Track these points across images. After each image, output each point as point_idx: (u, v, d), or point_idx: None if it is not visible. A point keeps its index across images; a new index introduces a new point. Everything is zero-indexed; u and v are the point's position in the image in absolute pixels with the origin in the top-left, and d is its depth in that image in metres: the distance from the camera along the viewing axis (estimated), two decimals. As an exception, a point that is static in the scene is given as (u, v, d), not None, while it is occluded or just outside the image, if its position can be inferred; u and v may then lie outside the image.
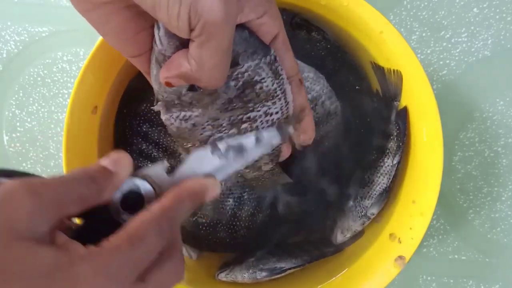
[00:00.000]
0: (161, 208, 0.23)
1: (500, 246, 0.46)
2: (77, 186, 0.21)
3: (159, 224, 0.22)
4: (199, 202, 0.26)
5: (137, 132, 0.41)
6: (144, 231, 0.21)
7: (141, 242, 0.21)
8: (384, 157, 0.39)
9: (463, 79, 0.47)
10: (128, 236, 0.21)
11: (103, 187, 0.23)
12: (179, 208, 0.24)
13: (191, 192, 0.25)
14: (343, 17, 0.36)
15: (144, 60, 0.28)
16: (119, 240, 0.21)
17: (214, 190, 0.26)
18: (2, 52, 0.50)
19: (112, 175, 0.23)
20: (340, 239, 0.42)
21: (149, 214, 0.22)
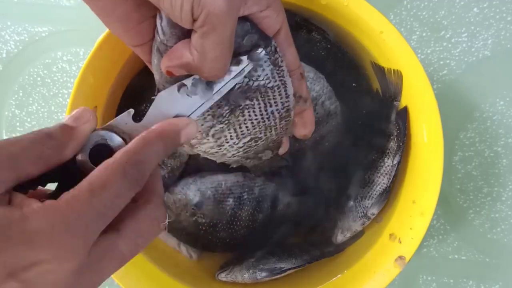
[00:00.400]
0: (125, 153, 0.21)
1: (500, 246, 0.46)
2: (32, 145, 0.20)
3: (124, 169, 0.21)
4: (172, 143, 0.24)
5: None
6: (107, 177, 0.20)
7: (103, 189, 0.20)
8: (384, 157, 0.39)
9: (463, 79, 0.47)
10: (89, 185, 0.20)
11: (63, 143, 0.22)
12: (148, 150, 0.22)
13: (160, 133, 0.24)
14: (344, 17, 0.36)
15: (146, 50, 0.28)
16: (79, 190, 0.19)
17: (189, 129, 0.25)
18: (2, 52, 0.50)
19: (72, 130, 0.22)
20: (340, 239, 0.42)
21: (112, 160, 0.21)
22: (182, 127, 0.25)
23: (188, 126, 0.25)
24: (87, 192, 0.19)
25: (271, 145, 0.32)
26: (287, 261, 0.41)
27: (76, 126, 0.23)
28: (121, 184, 0.20)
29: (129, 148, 0.22)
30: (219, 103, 0.28)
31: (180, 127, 0.25)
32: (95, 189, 0.19)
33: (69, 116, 0.23)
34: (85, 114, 0.23)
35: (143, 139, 0.22)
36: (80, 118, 0.23)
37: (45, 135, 0.21)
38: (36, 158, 0.20)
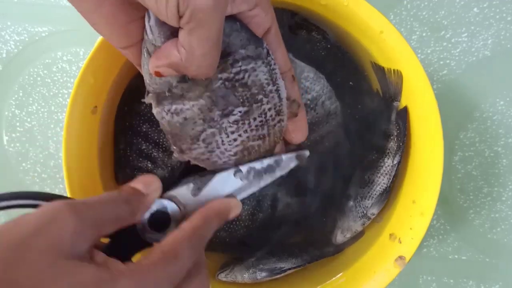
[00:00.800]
0: (192, 227, 0.25)
1: (501, 246, 0.46)
2: (113, 207, 0.23)
3: (191, 242, 0.23)
4: (223, 220, 0.28)
5: (137, 132, 0.41)
6: (178, 249, 0.23)
7: (176, 258, 0.22)
8: (384, 157, 0.39)
9: (463, 79, 0.47)
10: (163, 253, 0.22)
11: (136, 208, 0.24)
12: (208, 226, 0.25)
13: (217, 212, 0.27)
14: (343, 17, 0.36)
15: (135, 51, 0.28)
16: (155, 257, 0.22)
17: (236, 209, 0.29)
18: (2, 52, 0.50)
19: (144, 197, 0.25)
20: (340, 239, 0.41)
21: (183, 233, 0.24)
22: (233, 207, 0.29)
23: (236, 207, 0.29)
24: (164, 261, 0.22)
25: (262, 151, 0.32)
26: (287, 261, 0.41)
27: (147, 194, 0.26)
28: (188, 255, 0.23)
29: (196, 223, 0.25)
30: (209, 106, 0.28)
31: (231, 207, 0.28)
32: (169, 259, 0.22)
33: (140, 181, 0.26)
34: (154, 183, 0.26)
35: (205, 216, 0.26)
36: (150, 184, 0.26)
37: (124, 200, 0.24)
38: (115, 220, 0.23)
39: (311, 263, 0.40)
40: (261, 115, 0.29)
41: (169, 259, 0.22)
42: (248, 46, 0.27)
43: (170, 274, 0.22)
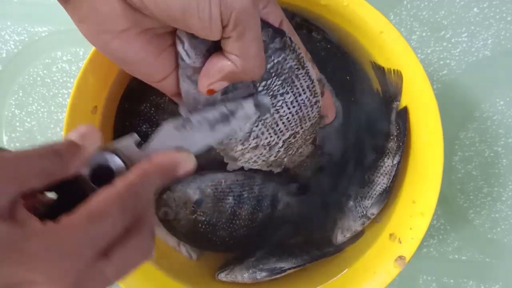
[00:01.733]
0: (125, 184, 0.22)
1: (501, 246, 0.46)
2: (38, 160, 0.21)
3: (122, 200, 0.21)
4: (170, 176, 0.25)
5: (137, 132, 0.41)
6: (106, 208, 0.21)
7: (101, 219, 0.20)
8: (384, 157, 0.39)
9: (463, 79, 0.47)
10: (88, 213, 0.20)
11: (68, 160, 0.22)
12: (146, 183, 0.23)
13: (160, 167, 0.24)
14: (343, 17, 0.36)
15: (170, 82, 0.28)
16: (78, 216, 0.20)
17: (187, 164, 0.25)
18: (2, 52, 0.50)
19: (78, 148, 0.23)
20: (340, 239, 0.41)
21: (113, 190, 0.21)
22: (181, 161, 0.25)
23: (187, 160, 0.26)
24: (85, 219, 0.20)
25: (308, 137, 0.33)
26: (287, 261, 0.40)
27: (82, 145, 0.23)
28: (118, 215, 0.21)
29: (130, 180, 0.22)
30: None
31: (179, 161, 0.25)
32: (93, 218, 0.20)
33: (76, 132, 0.23)
34: (91, 133, 0.24)
35: (143, 171, 0.23)
36: (86, 136, 0.23)
37: (52, 151, 0.21)
38: (41, 173, 0.21)
39: (311, 263, 0.40)
40: (299, 101, 0.30)
41: (92, 219, 0.20)
42: (275, 39, 0.28)
43: (92, 236, 0.20)
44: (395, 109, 0.39)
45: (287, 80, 0.29)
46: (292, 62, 0.29)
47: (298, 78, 0.29)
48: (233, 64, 0.25)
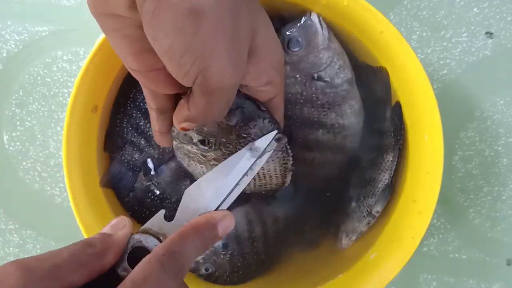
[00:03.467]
0: (162, 246, 0.23)
1: (501, 245, 0.47)
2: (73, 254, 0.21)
3: (160, 260, 0.22)
4: (210, 236, 0.25)
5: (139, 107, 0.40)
6: (146, 271, 0.21)
7: (145, 282, 0.21)
8: (383, 153, 0.39)
9: (463, 78, 0.47)
10: (131, 280, 0.21)
11: (102, 250, 0.23)
12: (183, 243, 0.23)
13: (195, 227, 0.24)
14: (344, 17, 0.36)
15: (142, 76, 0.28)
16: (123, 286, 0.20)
17: (226, 222, 0.26)
18: (2, 51, 0.50)
19: (110, 236, 0.24)
20: (345, 243, 0.41)
21: (151, 254, 0.22)
22: (219, 219, 0.25)
23: (225, 218, 0.26)
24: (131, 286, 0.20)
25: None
26: None
27: (114, 233, 0.24)
28: (160, 274, 0.21)
29: (165, 242, 0.23)
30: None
31: (216, 220, 0.25)
32: (137, 283, 0.20)
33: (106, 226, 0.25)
34: (121, 222, 0.25)
35: (179, 233, 0.24)
36: (116, 225, 0.24)
37: (85, 243, 0.22)
38: (78, 266, 0.21)
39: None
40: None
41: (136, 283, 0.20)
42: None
43: None
44: (389, 105, 0.39)
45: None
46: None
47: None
48: (188, 111, 0.26)
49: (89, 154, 0.39)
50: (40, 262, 0.20)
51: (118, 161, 0.40)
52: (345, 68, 0.37)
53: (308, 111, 0.38)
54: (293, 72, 0.37)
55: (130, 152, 0.40)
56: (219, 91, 0.24)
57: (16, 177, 0.49)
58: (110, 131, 0.41)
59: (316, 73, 0.36)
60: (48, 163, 0.49)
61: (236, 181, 0.28)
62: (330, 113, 0.38)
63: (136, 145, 0.40)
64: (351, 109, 0.38)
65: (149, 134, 0.40)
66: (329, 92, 0.37)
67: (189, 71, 0.23)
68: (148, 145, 0.40)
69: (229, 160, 0.28)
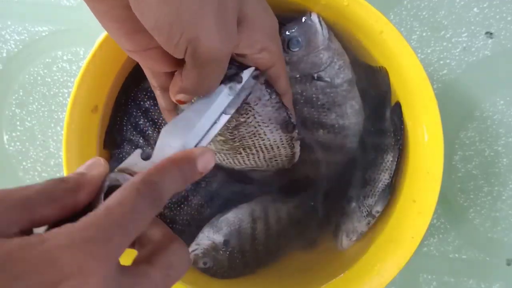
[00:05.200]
0: (138, 175, 0.22)
1: (501, 245, 0.47)
2: (45, 188, 0.21)
3: (137, 188, 0.21)
4: (190, 170, 0.24)
5: (139, 105, 0.40)
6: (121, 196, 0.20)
7: (120, 205, 0.20)
8: (383, 153, 0.39)
9: (463, 78, 0.47)
10: (106, 206, 0.20)
11: (75, 186, 0.22)
12: (161, 174, 0.22)
13: (173, 161, 0.23)
14: (343, 17, 0.36)
15: (139, 56, 0.28)
16: (96, 210, 0.19)
17: (206, 157, 0.25)
18: (2, 51, 0.50)
19: (83, 175, 0.23)
20: (346, 244, 0.41)
21: (127, 183, 0.21)
22: (198, 155, 0.24)
23: (204, 154, 0.25)
24: (103, 210, 0.19)
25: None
26: None
27: (87, 171, 0.23)
28: (136, 200, 0.20)
29: (142, 172, 0.22)
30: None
31: (195, 155, 0.24)
32: (110, 207, 0.19)
33: (81, 166, 0.24)
34: (96, 161, 0.24)
35: (156, 166, 0.23)
36: (91, 165, 0.23)
37: (58, 179, 0.22)
38: (49, 200, 0.20)
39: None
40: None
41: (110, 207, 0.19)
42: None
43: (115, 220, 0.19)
44: (389, 105, 0.39)
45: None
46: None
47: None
48: (182, 83, 0.27)
49: (89, 154, 0.39)
50: (10, 193, 0.19)
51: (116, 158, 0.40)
52: (345, 68, 0.37)
53: (308, 111, 0.38)
54: (293, 72, 0.37)
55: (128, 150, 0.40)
56: (210, 61, 0.25)
57: (16, 177, 0.49)
58: (109, 129, 0.41)
59: (316, 73, 0.37)
60: (48, 163, 0.49)
61: (214, 119, 0.27)
62: (330, 113, 0.38)
63: (134, 144, 0.40)
64: (351, 109, 0.38)
65: (147, 133, 0.41)
66: (329, 92, 0.37)
67: (178, 42, 0.23)
68: (147, 144, 0.40)
69: (207, 98, 0.27)
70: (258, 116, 0.32)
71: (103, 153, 0.41)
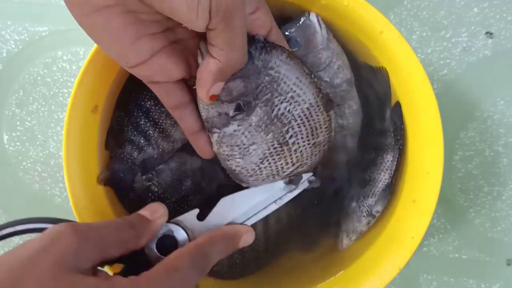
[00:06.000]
0: (195, 244, 0.25)
1: (501, 245, 0.47)
2: (118, 231, 0.24)
3: (193, 257, 0.24)
4: (232, 245, 0.28)
5: (140, 105, 0.40)
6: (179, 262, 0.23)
7: (177, 271, 0.23)
8: (383, 153, 0.39)
9: (463, 78, 0.47)
10: (164, 266, 0.23)
11: (141, 233, 0.26)
12: (212, 246, 0.26)
13: (224, 235, 0.27)
14: (343, 17, 0.36)
15: (147, 67, 0.28)
16: (156, 270, 0.23)
17: (248, 236, 0.29)
18: (2, 51, 0.50)
19: (149, 222, 0.27)
20: (346, 244, 0.41)
21: (185, 249, 0.25)
22: (243, 233, 0.29)
23: (247, 233, 0.29)
24: (164, 272, 0.23)
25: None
26: None
27: (153, 220, 0.27)
28: (190, 269, 0.24)
29: (198, 242, 0.26)
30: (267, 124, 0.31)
31: (242, 233, 0.29)
32: (170, 270, 0.23)
33: (147, 208, 0.28)
34: (160, 209, 0.28)
35: (209, 237, 0.27)
36: (156, 212, 0.27)
37: (129, 224, 0.25)
38: (119, 243, 0.24)
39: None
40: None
41: (169, 271, 0.23)
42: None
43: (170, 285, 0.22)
44: (389, 105, 0.39)
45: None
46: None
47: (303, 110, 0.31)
48: (217, 61, 0.26)
49: (89, 154, 0.39)
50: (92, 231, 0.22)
51: (117, 159, 0.40)
52: (344, 68, 0.37)
53: None
54: None
55: (129, 151, 0.40)
56: (234, 12, 0.24)
57: (16, 177, 0.49)
58: (110, 129, 0.41)
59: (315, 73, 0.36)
60: (48, 163, 0.49)
61: (265, 205, 0.31)
62: None
63: (135, 144, 0.40)
64: (350, 109, 0.38)
65: (149, 133, 0.40)
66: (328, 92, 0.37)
67: (200, 1, 0.22)
68: (148, 144, 0.40)
69: (266, 186, 0.32)
70: (285, 78, 0.30)
71: (103, 154, 0.41)
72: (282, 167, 0.33)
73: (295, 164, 0.33)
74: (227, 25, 0.24)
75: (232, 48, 0.25)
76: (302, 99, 0.31)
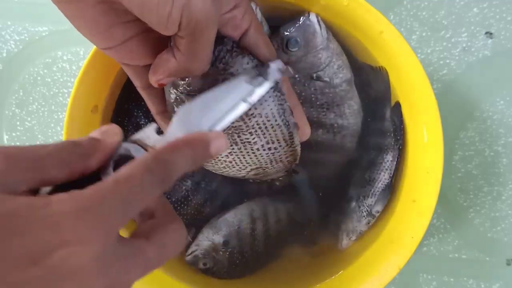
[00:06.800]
0: (150, 152, 0.22)
1: (501, 245, 0.46)
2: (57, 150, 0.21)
3: (147, 164, 0.20)
4: (202, 153, 0.24)
5: (140, 106, 0.40)
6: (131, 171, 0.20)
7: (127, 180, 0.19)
8: (383, 153, 0.39)
9: (463, 78, 0.47)
10: (115, 179, 0.19)
11: (88, 152, 0.22)
12: (173, 152, 0.22)
13: (187, 142, 0.23)
14: (343, 17, 0.36)
15: (116, 51, 0.28)
16: (104, 181, 0.19)
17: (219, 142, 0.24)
18: (2, 51, 0.50)
19: (98, 141, 0.23)
20: (346, 243, 0.41)
21: (140, 158, 0.21)
22: (212, 139, 0.24)
23: (218, 139, 0.24)
24: (112, 182, 0.19)
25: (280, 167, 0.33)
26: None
27: (102, 138, 0.23)
28: (145, 177, 0.20)
29: (154, 149, 0.22)
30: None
31: (209, 139, 0.24)
32: (119, 180, 0.19)
33: (97, 130, 0.23)
34: (112, 129, 0.24)
35: (170, 144, 0.22)
36: (106, 132, 0.23)
37: (71, 143, 0.22)
38: (61, 162, 0.20)
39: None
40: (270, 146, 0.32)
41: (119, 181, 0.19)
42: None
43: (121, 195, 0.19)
44: (389, 105, 0.39)
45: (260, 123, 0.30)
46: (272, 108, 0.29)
47: (274, 127, 0.30)
48: (177, 63, 0.26)
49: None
50: (24, 152, 0.20)
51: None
52: (344, 68, 0.37)
53: (307, 111, 0.38)
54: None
55: None
56: (204, 28, 0.24)
57: (16, 177, 0.49)
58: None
59: (315, 73, 0.37)
60: (48, 163, 0.49)
61: (232, 105, 0.26)
62: (329, 113, 0.38)
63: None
64: (350, 109, 0.38)
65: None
66: (328, 92, 0.37)
67: (171, 11, 0.23)
68: None
69: (228, 84, 0.27)
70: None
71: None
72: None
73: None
74: (194, 38, 0.25)
75: (194, 59, 0.26)
76: (258, 112, 0.30)
